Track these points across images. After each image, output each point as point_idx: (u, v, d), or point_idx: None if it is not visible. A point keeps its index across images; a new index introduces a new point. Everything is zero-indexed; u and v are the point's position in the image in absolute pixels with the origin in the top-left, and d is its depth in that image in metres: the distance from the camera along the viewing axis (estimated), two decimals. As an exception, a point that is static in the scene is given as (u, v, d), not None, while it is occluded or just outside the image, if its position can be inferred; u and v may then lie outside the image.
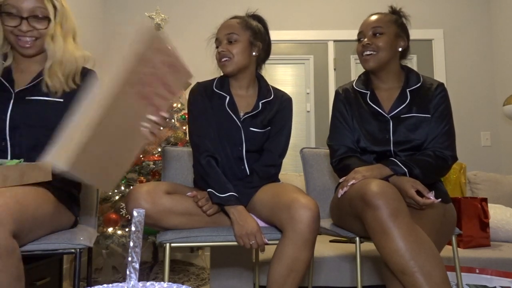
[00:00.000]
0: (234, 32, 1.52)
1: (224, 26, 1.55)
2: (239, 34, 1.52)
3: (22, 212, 1.06)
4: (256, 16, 1.65)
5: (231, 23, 1.55)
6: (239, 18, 1.58)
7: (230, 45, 1.51)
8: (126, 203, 1.37)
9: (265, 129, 1.56)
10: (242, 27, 1.54)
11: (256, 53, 1.57)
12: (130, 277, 0.47)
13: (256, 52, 1.57)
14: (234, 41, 1.51)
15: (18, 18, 1.24)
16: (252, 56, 1.56)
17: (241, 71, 1.55)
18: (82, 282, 2.16)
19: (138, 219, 0.48)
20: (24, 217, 1.07)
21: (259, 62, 1.64)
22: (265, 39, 1.62)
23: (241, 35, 1.52)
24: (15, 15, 1.23)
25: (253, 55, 1.57)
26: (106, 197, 2.50)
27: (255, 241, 1.33)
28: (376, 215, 1.19)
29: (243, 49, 1.52)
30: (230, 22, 1.56)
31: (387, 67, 1.56)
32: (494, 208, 2.35)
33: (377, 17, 1.57)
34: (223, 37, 1.53)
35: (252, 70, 1.60)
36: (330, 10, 3.57)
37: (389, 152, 1.52)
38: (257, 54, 1.58)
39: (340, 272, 2.03)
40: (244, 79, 1.58)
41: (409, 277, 1.13)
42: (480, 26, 3.56)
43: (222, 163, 1.52)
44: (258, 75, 1.65)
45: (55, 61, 1.31)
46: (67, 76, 1.33)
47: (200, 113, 1.54)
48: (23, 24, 1.24)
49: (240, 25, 1.54)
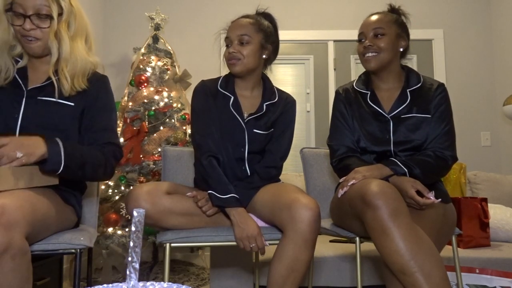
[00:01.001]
0: (246, 33, 1.49)
1: (236, 26, 1.52)
2: (252, 36, 1.49)
3: (34, 214, 1.08)
4: (267, 15, 1.62)
5: (244, 23, 1.52)
6: (252, 18, 1.55)
7: (242, 46, 1.49)
8: (126, 203, 1.37)
9: (268, 131, 1.55)
10: (255, 28, 1.51)
11: (266, 56, 1.56)
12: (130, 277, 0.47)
13: (266, 55, 1.56)
14: (246, 42, 1.49)
15: (23, 17, 1.25)
16: (261, 58, 1.55)
17: (249, 73, 1.54)
18: (82, 282, 2.16)
19: (138, 219, 0.48)
20: (35, 220, 1.09)
21: (267, 64, 1.63)
22: (275, 40, 1.60)
23: (254, 37, 1.50)
24: (21, 13, 1.25)
25: (263, 58, 1.56)
26: (106, 197, 2.50)
27: (256, 244, 1.33)
28: (376, 215, 1.19)
29: (254, 52, 1.50)
30: (243, 22, 1.52)
31: (388, 67, 1.56)
32: (494, 208, 2.35)
33: (377, 17, 1.56)
34: (234, 37, 1.50)
35: (259, 72, 1.59)
36: (330, 10, 3.57)
37: (389, 152, 1.52)
38: (266, 57, 1.57)
39: (340, 272, 2.03)
40: (251, 80, 1.57)
41: (409, 277, 1.13)
42: (480, 26, 3.56)
43: (223, 163, 1.51)
44: (264, 76, 1.64)
45: (60, 60, 1.31)
46: (74, 76, 1.33)
47: (204, 112, 1.52)
48: (26, 23, 1.25)
49: (253, 26, 1.51)
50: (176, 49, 3.07)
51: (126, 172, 2.57)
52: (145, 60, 2.83)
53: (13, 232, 0.98)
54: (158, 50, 2.89)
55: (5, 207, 1.00)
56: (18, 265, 0.99)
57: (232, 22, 1.56)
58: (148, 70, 2.80)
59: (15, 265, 0.98)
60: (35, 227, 1.09)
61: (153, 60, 2.84)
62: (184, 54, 3.32)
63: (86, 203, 1.60)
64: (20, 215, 1.02)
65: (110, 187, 2.55)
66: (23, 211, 1.04)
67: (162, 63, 2.86)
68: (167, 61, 2.89)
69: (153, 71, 2.82)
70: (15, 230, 0.99)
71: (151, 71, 2.81)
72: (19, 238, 1.00)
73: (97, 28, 3.35)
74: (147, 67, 2.81)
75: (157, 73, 2.82)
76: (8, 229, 0.98)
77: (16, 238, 0.99)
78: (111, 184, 2.56)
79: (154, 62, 2.84)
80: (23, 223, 1.02)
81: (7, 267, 0.97)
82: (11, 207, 1.01)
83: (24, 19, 1.25)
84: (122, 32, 3.46)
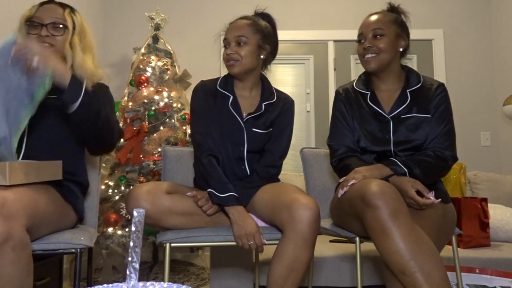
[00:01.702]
0: (243, 34, 1.50)
1: (234, 28, 1.53)
2: (249, 37, 1.51)
3: (34, 208, 1.11)
4: (265, 15, 1.63)
5: (241, 24, 1.53)
6: (249, 19, 1.56)
7: (239, 47, 1.50)
8: (126, 203, 1.37)
9: (267, 130, 1.56)
10: (252, 29, 1.52)
11: (264, 56, 1.57)
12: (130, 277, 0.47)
13: (264, 55, 1.57)
14: (243, 43, 1.50)
15: (40, 26, 1.36)
16: (259, 59, 1.56)
17: (247, 73, 1.55)
18: (82, 282, 2.16)
19: (138, 219, 0.48)
20: (35, 213, 1.12)
21: (265, 64, 1.64)
22: (273, 41, 1.61)
23: (251, 38, 1.51)
24: (38, 23, 1.36)
25: (261, 58, 1.57)
26: (106, 197, 2.51)
27: (254, 241, 1.33)
28: (376, 215, 1.19)
29: (252, 52, 1.51)
30: (240, 24, 1.54)
31: (388, 68, 1.56)
32: (494, 208, 2.35)
33: (376, 17, 1.55)
34: (232, 39, 1.51)
35: (258, 72, 1.60)
36: (330, 10, 3.57)
37: (389, 152, 1.52)
38: (264, 57, 1.58)
39: (340, 272, 2.03)
40: (249, 80, 1.58)
41: (409, 277, 1.13)
42: (480, 26, 3.56)
43: (223, 163, 1.52)
44: (262, 76, 1.65)
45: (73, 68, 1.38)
46: None
47: (203, 112, 1.53)
48: (43, 30, 1.36)
49: (250, 27, 1.52)
50: (176, 49, 3.07)
51: (126, 172, 2.57)
52: (145, 60, 2.83)
53: (13, 223, 1.00)
54: (158, 50, 2.89)
55: (6, 198, 1.02)
56: (18, 257, 1.00)
57: (229, 23, 1.57)
58: (148, 70, 2.80)
59: (15, 257, 0.99)
60: (35, 221, 1.11)
61: (153, 60, 2.84)
62: (184, 54, 3.32)
63: (86, 203, 1.60)
64: (20, 207, 1.04)
65: (110, 187, 2.55)
66: (23, 204, 1.06)
67: (162, 63, 2.86)
68: (167, 61, 2.89)
69: (153, 71, 2.82)
70: (15, 221, 1.01)
71: (151, 71, 2.81)
72: (20, 229, 1.02)
73: (97, 28, 3.35)
74: (147, 67, 2.81)
75: (157, 73, 2.82)
76: (9, 219, 1.00)
77: (17, 229, 1.01)
78: (111, 184, 2.56)
79: (154, 62, 2.84)
80: (23, 214, 1.04)
81: (7, 258, 0.98)
82: (12, 199, 1.03)
83: (41, 28, 1.36)
84: (122, 32, 3.46)
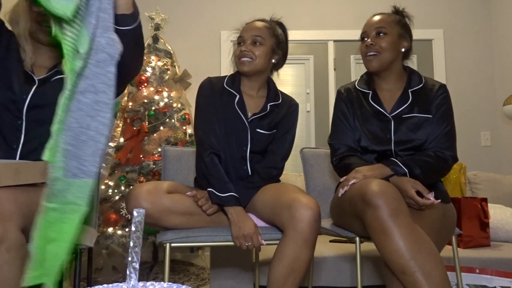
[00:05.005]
0: (260, 35, 1.53)
1: (251, 27, 1.56)
2: (265, 39, 1.54)
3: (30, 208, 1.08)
4: (280, 24, 1.67)
5: (259, 25, 1.57)
6: (267, 22, 1.60)
7: (254, 47, 1.53)
8: (126, 203, 1.37)
9: (271, 132, 1.57)
10: (269, 32, 1.56)
11: (275, 60, 1.60)
12: (130, 277, 0.47)
13: (276, 59, 1.60)
14: (259, 43, 1.53)
15: None
16: (271, 62, 1.59)
17: (257, 74, 1.57)
18: (82, 282, 2.16)
19: (138, 219, 0.48)
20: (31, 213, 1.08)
21: (274, 69, 1.67)
22: (284, 49, 1.65)
23: (267, 40, 1.55)
24: None
25: (272, 62, 1.59)
26: (106, 197, 2.50)
27: (251, 242, 1.34)
28: (376, 215, 1.19)
29: (266, 54, 1.54)
30: (258, 25, 1.57)
31: (390, 67, 1.56)
32: (494, 208, 2.35)
33: (380, 17, 1.57)
34: (248, 37, 1.54)
35: (266, 75, 1.62)
36: (330, 10, 3.57)
37: (389, 152, 1.52)
38: (275, 62, 1.61)
39: (340, 272, 2.03)
40: (257, 81, 1.60)
41: (409, 277, 1.13)
42: (480, 26, 3.56)
43: (226, 161, 1.52)
44: (269, 79, 1.67)
45: None
46: None
47: (208, 108, 1.54)
48: None
49: (267, 30, 1.56)
50: (176, 49, 3.07)
51: (126, 172, 2.57)
52: (145, 60, 2.83)
53: (8, 224, 0.98)
54: (158, 50, 2.89)
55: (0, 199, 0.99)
56: (13, 259, 0.97)
57: (246, 23, 1.61)
58: (148, 70, 2.80)
59: (9, 258, 0.97)
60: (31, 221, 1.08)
61: (153, 60, 2.84)
62: (184, 54, 3.31)
63: (86, 203, 1.60)
64: (15, 207, 1.01)
65: (110, 187, 2.55)
66: (18, 204, 1.03)
67: (162, 63, 2.86)
68: (167, 61, 2.89)
69: (153, 71, 2.82)
70: (10, 222, 0.98)
71: (151, 71, 2.81)
72: (14, 230, 0.99)
73: (97, 28, 3.35)
74: (147, 67, 2.81)
75: (157, 73, 2.82)
76: (3, 220, 0.97)
77: (11, 230, 0.98)
78: (111, 184, 2.56)
79: (154, 62, 2.84)
80: (18, 215, 1.01)
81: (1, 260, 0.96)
82: (6, 199, 1.00)
83: None
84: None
